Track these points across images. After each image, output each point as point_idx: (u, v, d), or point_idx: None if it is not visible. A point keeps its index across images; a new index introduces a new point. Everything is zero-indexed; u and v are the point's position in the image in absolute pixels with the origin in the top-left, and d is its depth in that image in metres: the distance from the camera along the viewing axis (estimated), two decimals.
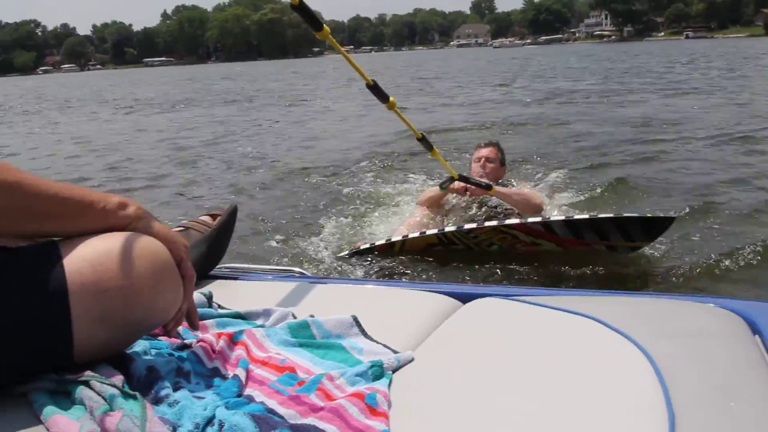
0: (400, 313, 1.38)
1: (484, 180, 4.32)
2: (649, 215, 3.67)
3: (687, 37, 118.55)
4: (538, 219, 3.73)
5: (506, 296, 1.40)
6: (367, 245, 3.96)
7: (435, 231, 3.88)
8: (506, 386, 1.02)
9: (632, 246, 3.72)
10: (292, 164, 8.04)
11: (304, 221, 4.77)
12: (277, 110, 17.06)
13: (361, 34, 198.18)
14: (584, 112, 12.28)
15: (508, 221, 3.76)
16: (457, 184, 4.23)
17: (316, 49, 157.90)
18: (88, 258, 0.98)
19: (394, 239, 3.90)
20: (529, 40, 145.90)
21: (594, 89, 17.42)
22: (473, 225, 3.84)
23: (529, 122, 11.12)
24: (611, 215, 3.66)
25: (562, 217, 3.72)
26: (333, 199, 5.71)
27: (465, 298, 1.42)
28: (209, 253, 1.59)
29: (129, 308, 1.00)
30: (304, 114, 15.70)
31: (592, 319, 1.20)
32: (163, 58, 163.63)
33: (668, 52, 41.75)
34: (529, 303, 1.34)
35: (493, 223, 3.78)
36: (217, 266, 1.68)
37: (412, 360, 1.14)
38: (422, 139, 3.93)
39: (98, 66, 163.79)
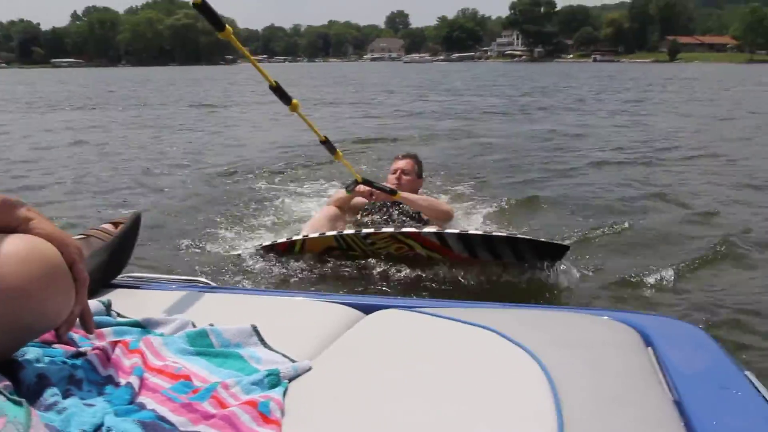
0: (301, 323, 1.38)
1: (389, 185, 4.39)
2: (543, 240, 3.67)
3: (595, 60, 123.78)
4: (433, 230, 3.77)
5: (408, 308, 1.42)
6: (269, 243, 3.98)
7: (334, 233, 3.90)
8: (402, 396, 1.03)
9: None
10: (199, 170, 8.00)
11: (210, 229, 4.73)
12: (182, 115, 16.80)
13: (275, 44, 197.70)
14: (495, 128, 12.65)
15: (404, 229, 3.80)
16: (361, 187, 4.30)
17: (230, 57, 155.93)
18: None
19: (294, 238, 3.92)
20: (441, 57, 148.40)
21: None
22: (371, 230, 3.87)
23: (442, 135, 11.43)
24: (504, 234, 3.67)
25: (457, 231, 3.73)
26: (240, 206, 5.73)
27: (367, 309, 1.44)
28: (110, 261, 1.55)
29: (16, 312, 0.96)
30: (214, 120, 15.56)
31: (490, 330, 1.22)
32: (72, 59, 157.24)
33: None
34: (431, 315, 1.35)
35: (390, 229, 3.81)
36: (120, 275, 1.64)
37: (309, 369, 1.14)
38: (325, 142, 3.97)
39: (3, 64, 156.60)
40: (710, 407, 0.97)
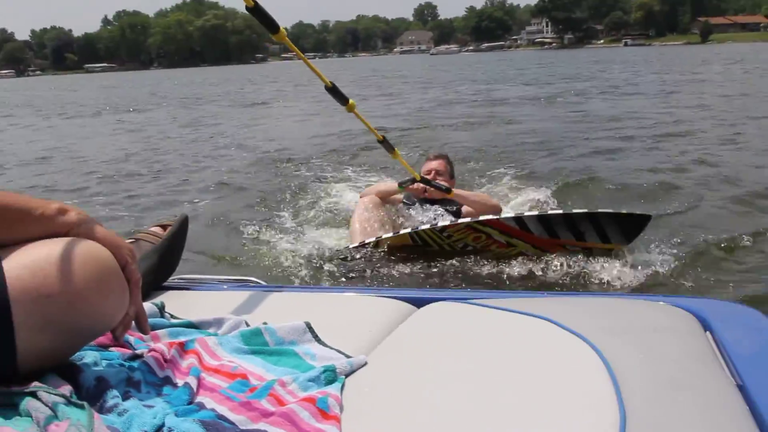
0: (354, 318, 1.38)
1: (444, 183, 4.39)
2: (624, 212, 3.58)
3: (626, 44, 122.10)
4: (511, 215, 3.69)
5: (460, 300, 1.40)
6: (347, 246, 4.00)
7: (408, 230, 3.88)
8: (459, 388, 1.02)
9: (608, 248, 3.62)
10: (242, 171, 8.01)
11: (259, 229, 4.73)
12: (228, 115, 17.00)
13: (305, 41, 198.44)
14: (533, 113, 12.64)
15: (482, 217, 3.73)
16: (417, 184, 4.30)
17: (260, 56, 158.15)
18: (28, 264, 0.96)
19: (367, 241, 3.90)
20: (471, 47, 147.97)
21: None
22: (446, 223, 3.83)
23: (479, 121, 11.53)
24: (585, 210, 3.58)
25: (536, 213, 3.67)
26: (286, 204, 5.73)
27: (419, 303, 1.43)
28: (160, 264, 1.57)
29: (72, 314, 0.98)
30: (253, 119, 15.62)
31: (545, 319, 1.21)
32: (105, 64, 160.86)
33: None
34: (483, 306, 1.34)
35: (467, 220, 3.76)
36: (171, 278, 1.65)
37: (365, 364, 1.14)
38: (383, 141, 3.96)
39: (38, 72, 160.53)
40: None
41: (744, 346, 1.12)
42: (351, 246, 3.98)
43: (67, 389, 0.95)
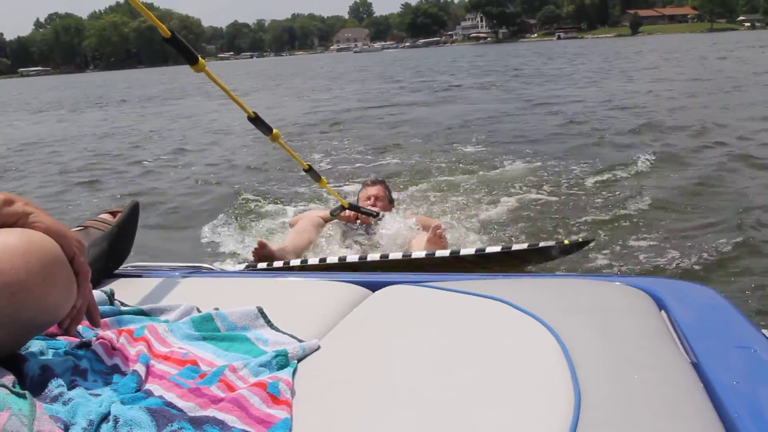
0: (308, 303, 1.37)
1: (375, 209, 4.38)
2: (565, 242, 3.41)
3: (559, 37, 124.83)
4: (446, 253, 3.53)
5: (415, 283, 1.40)
6: (280, 263, 3.69)
7: (335, 260, 3.63)
8: (414, 371, 1.02)
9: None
10: (194, 161, 8.07)
11: (211, 215, 4.68)
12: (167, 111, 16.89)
13: (241, 41, 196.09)
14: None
15: (414, 254, 3.57)
16: (347, 212, 4.27)
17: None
18: None
19: (310, 261, 3.64)
20: (407, 43, 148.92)
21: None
22: (377, 256, 3.63)
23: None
24: (524, 246, 3.39)
25: (472, 251, 3.52)
26: (233, 194, 5.76)
27: (374, 287, 1.43)
28: (111, 251, 1.54)
29: (17, 306, 0.95)
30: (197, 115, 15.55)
31: (500, 301, 1.21)
32: (39, 68, 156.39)
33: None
34: (438, 288, 1.34)
35: (398, 255, 3.59)
36: (122, 266, 1.62)
37: (318, 348, 1.13)
38: (309, 170, 3.92)
39: None
40: (729, 367, 0.97)
41: (698, 324, 1.14)
42: (253, 265, 3.66)
43: (9, 379, 0.92)
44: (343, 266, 3.54)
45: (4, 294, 0.93)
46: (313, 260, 3.68)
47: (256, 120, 3.23)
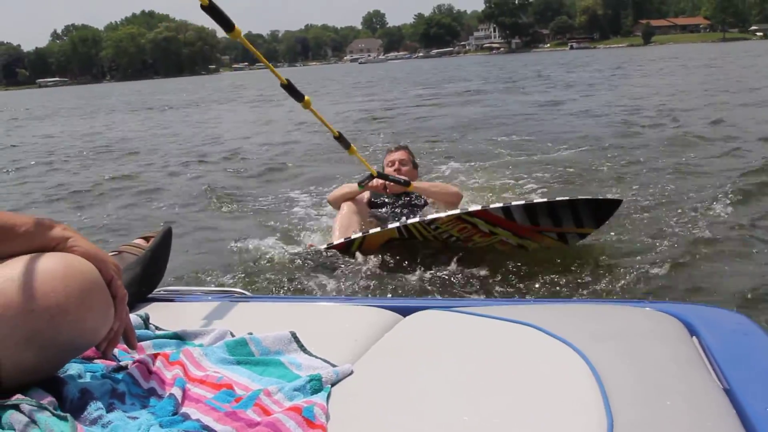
0: (339, 328, 1.38)
1: (402, 177, 4.42)
2: (600, 198, 3.87)
3: (572, 47, 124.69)
4: (499, 205, 3.76)
5: (446, 308, 1.40)
6: (324, 246, 3.97)
7: (396, 224, 3.88)
8: (446, 397, 1.02)
9: (581, 232, 3.84)
10: (218, 180, 7.81)
11: (243, 238, 4.58)
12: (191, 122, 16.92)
13: None
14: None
15: (471, 208, 3.80)
16: (376, 181, 4.32)
17: (212, 66, 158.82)
18: (13, 278, 0.96)
19: (353, 236, 3.88)
20: (421, 53, 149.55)
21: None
22: (435, 215, 3.87)
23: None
24: (566, 198, 3.73)
25: (522, 203, 3.77)
26: (269, 209, 5.68)
27: (405, 311, 1.42)
28: (144, 275, 1.56)
29: (56, 329, 0.97)
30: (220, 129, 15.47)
31: (531, 326, 1.21)
32: (57, 79, 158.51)
33: None
34: (469, 314, 1.34)
35: (456, 211, 3.80)
36: (156, 290, 1.65)
37: (351, 373, 1.14)
38: (339, 138, 3.97)
39: None
40: (762, 394, 0.96)
41: (730, 350, 1.12)
42: (333, 243, 3.97)
43: (50, 402, 0.94)
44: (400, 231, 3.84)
45: (44, 317, 0.95)
46: (374, 230, 3.89)
47: (288, 87, 3.34)
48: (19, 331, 0.94)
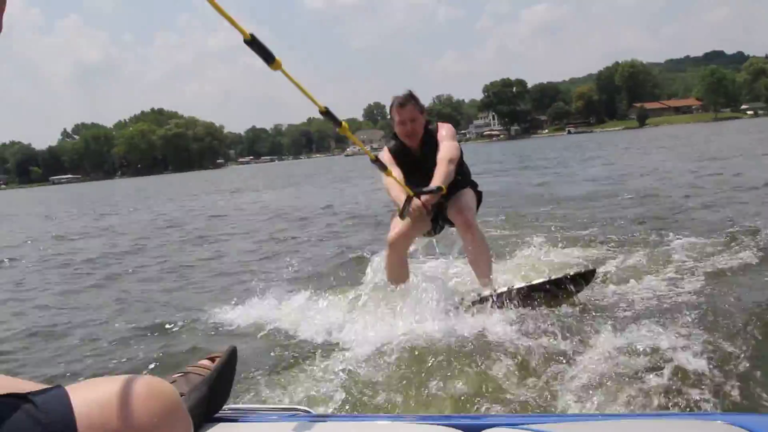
0: None
1: (434, 185, 4.43)
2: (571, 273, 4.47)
3: (569, 132, 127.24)
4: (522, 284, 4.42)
5: (514, 425, 1.35)
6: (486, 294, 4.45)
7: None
8: None
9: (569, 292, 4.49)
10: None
11: (303, 354, 4.23)
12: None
13: (260, 145, 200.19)
14: None
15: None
16: (414, 204, 4.38)
17: (220, 161, 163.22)
18: (96, 400, 1.00)
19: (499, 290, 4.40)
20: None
21: None
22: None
23: None
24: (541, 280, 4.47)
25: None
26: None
27: (472, 430, 1.38)
28: (210, 395, 1.59)
29: None
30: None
31: None
32: (70, 176, 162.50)
33: None
34: (538, 431, 1.29)
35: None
36: (221, 409, 1.66)
37: None
38: (376, 161, 4.06)
39: (2, 186, 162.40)
40: None
41: None
42: (481, 294, 4.43)
43: None
44: None
45: None
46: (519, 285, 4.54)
47: (327, 113, 3.43)
48: None
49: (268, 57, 2.76)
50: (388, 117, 5.32)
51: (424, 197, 4.40)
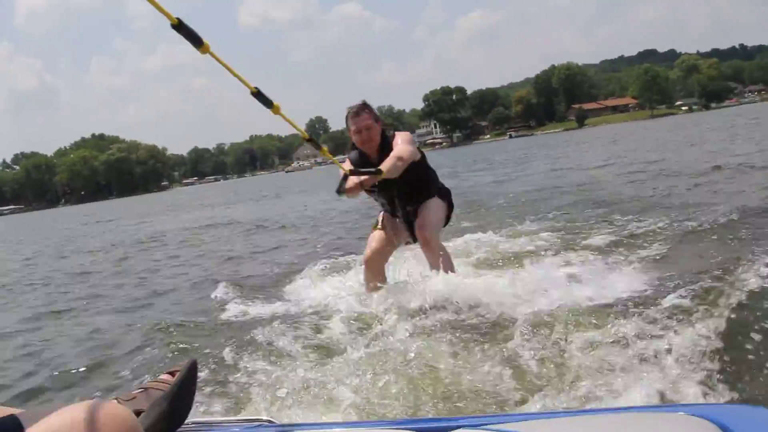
0: None
1: (372, 169, 4.48)
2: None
3: (510, 136, 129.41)
4: None
5: (477, 426, 1.34)
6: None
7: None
8: None
9: None
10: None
11: (265, 360, 4.11)
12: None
13: (203, 165, 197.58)
14: None
15: None
16: (350, 182, 4.46)
17: (164, 183, 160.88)
18: (52, 429, 1.00)
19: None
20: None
21: None
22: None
23: None
24: None
25: None
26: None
27: None
28: (171, 411, 1.57)
29: None
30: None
31: None
32: (12, 206, 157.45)
33: None
34: (501, 431, 1.28)
35: None
36: (184, 423, 1.64)
37: None
38: (310, 140, 4.11)
39: None
40: None
41: None
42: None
43: None
44: None
45: None
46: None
47: (258, 94, 3.38)
48: None
49: (196, 41, 2.78)
50: (331, 130, 5.36)
51: (362, 177, 4.48)
